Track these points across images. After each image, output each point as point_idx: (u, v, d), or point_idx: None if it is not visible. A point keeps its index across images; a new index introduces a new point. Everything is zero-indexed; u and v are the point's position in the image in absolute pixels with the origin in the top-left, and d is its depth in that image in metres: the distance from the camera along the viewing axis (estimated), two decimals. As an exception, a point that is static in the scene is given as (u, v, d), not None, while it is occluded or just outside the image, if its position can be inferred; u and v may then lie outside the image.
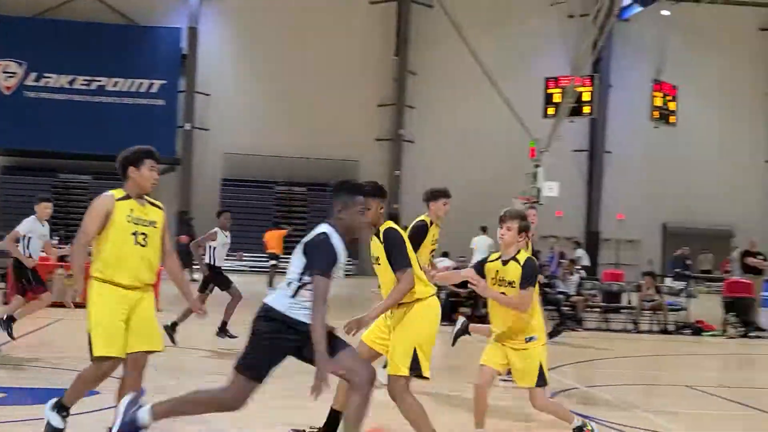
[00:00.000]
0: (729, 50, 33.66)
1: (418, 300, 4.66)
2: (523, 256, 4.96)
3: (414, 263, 4.66)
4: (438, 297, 4.90)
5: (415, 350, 4.61)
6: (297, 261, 4.26)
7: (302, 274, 4.19)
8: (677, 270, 28.55)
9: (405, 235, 4.75)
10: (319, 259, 4.13)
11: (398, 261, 4.59)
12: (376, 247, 4.72)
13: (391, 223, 4.73)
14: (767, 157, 33.74)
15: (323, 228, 4.29)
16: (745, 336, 14.00)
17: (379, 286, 4.85)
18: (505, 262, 4.99)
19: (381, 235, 4.68)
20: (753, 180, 33.68)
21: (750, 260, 15.29)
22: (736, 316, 14.30)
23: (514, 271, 4.94)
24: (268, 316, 4.18)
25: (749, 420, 6.98)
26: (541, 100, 25.04)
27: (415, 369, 4.60)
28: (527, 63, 30.82)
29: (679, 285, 23.87)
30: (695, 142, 33.48)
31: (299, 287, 4.17)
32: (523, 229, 4.99)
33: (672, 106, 25.63)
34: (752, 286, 14.65)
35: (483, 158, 31.14)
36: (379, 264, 4.74)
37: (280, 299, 4.22)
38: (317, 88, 30.87)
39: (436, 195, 6.59)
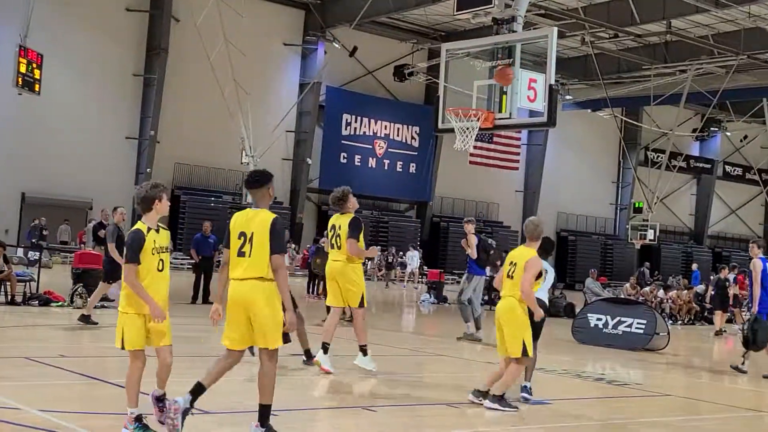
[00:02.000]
0: (98, 27, 34.28)
1: None
2: None
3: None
4: None
5: None
6: None
7: None
8: (33, 240, 27.99)
9: None
10: None
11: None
12: None
13: None
14: (128, 134, 35.42)
15: None
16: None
17: None
18: None
19: None
20: (114, 155, 34.99)
21: (102, 232, 15.76)
22: (85, 286, 14.61)
23: None
24: None
25: (91, 387, 7.28)
26: None
27: None
28: None
29: (34, 255, 23.48)
30: (59, 114, 33.24)
31: None
32: None
33: (37, 74, 24.97)
34: (101, 258, 15.19)
35: None
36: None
37: None
38: None
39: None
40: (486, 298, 19.50)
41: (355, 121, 41.30)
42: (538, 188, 47.35)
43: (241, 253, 5.30)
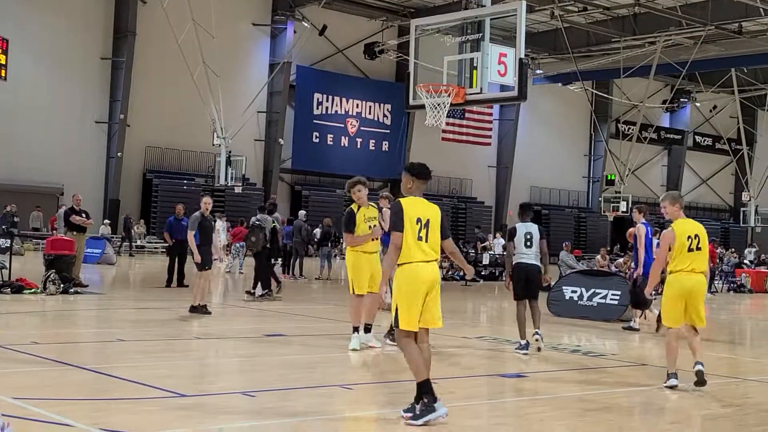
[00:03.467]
0: (64, 11, 33.73)
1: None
2: None
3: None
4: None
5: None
6: None
7: None
8: (4, 227, 27.64)
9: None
10: None
11: None
12: None
13: None
14: (98, 118, 35.00)
15: None
16: (65, 293, 14.36)
17: None
18: None
19: None
20: (83, 140, 34.59)
21: (74, 218, 15.62)
22: (57, 273, 14.47)
23: None
24: None
25: (66, 374, 7.21)
26: None
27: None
28: None
29: (5, 242, 23.19)
30: (26, 99, 32.74)
31: None
32: None
33: (2, 59, 24.50)
34: (73, 244, 15.03)
35: None
36: None
37: None
38: None
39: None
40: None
41: (327, 100, 41.09)
42: (511, 163, 47.51)
43: (419, 237, 5.72)
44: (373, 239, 9.29)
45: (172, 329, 10.72)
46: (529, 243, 9.83)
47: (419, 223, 5.75)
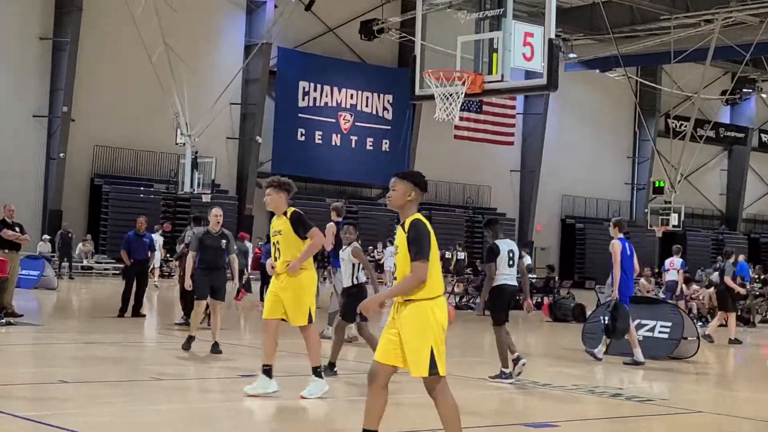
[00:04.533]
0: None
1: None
2: None
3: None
4: None
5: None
6: None
7: None
8: None
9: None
10: None
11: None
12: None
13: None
14: (36, 112, 34.98)
15: None
16: (-4, 323, 14.33)
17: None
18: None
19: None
20: (17, 138, 34.52)
21: (6, 233, 15.55)
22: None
23: None
24: None
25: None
26: None
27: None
28: None
29: None
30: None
31: None
32: None
33: None
34: (5, 264, 15.01)
35: None
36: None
37: None
38: None
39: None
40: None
41: (315, 90, 41.18)
42: (538, 167, 47.63)
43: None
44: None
45: (125, 368, 10.70)
46: (511, 262, 10.61)
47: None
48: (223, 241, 12.28)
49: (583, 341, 14.61)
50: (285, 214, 8.79)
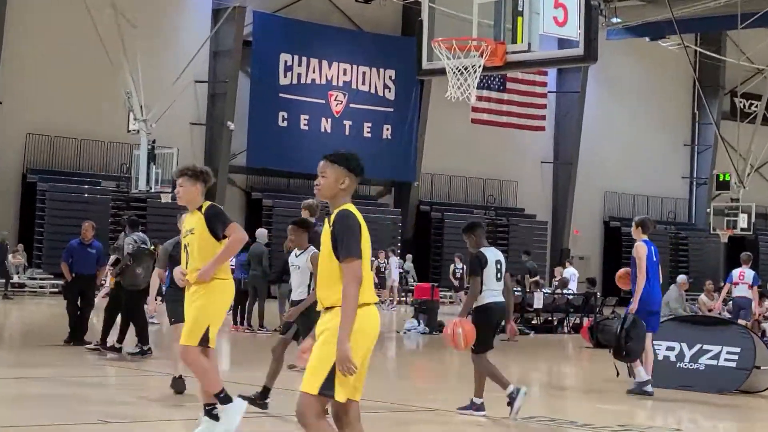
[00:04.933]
0: None
1: None
2: None
3: None
4: None
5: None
6: None
7: None
8: None
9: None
10: None
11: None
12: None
13: None
14: None
15: None
16: None
17: None
18: None
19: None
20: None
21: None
22: None
23: None
24: None
25: None
26: None
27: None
28: None
29: None
30: None
31: None
32: None
33: None
34: None
35: None
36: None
37: None
38: None
39: None
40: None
41: (299, 64, 41.18)
42: (575, 157, 47.63)
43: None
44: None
45: (64, 409, 10.68)
46: (499, 275, 10.81)
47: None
48: None
49: (630, 372, 14.56)
50: (200, 209, 8.69)
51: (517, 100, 45.07)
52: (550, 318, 26.60)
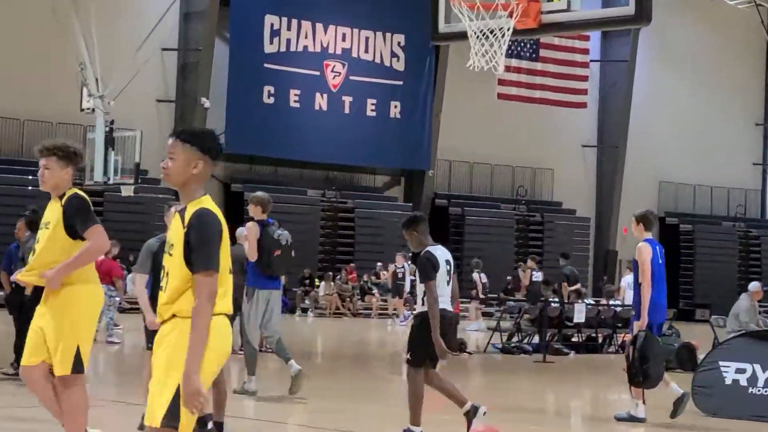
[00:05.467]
0: None
1: None
2: None
3: None
4: None
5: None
6: None
7: None
8: None
9: None
10: None
11: None
12: None
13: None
14: None
15: None
16: None
17: None
18: None
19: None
20: None
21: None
22: None
23: None
24: None
25: None
26: None
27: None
28: None
29: None
30: None
31: None
32: None
33: None
34: None
35: None
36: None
37: None
38: None
39: None
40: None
41: (288, 28, 41.18)
42: (623, 140, 47.61)
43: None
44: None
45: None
46: (449, 278, 10.98)
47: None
48: None
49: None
50: (62, 197, 8.53)
51: (552, 70, 45.03)
52: (593, 334, 26.52)
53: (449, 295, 10.98)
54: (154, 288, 11.20)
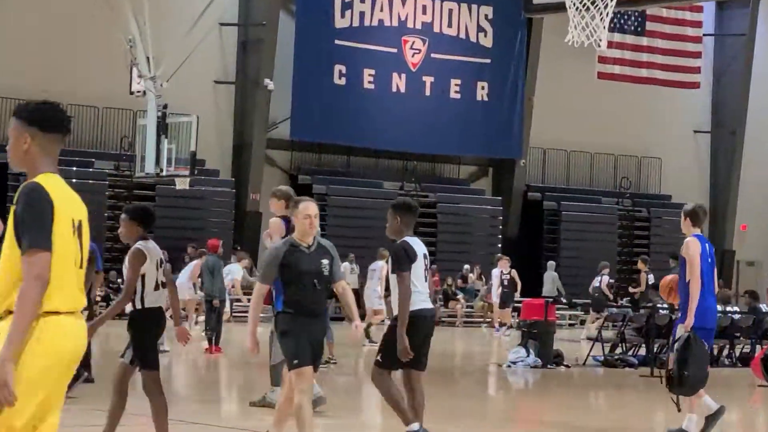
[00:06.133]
0: None
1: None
2: None
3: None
4: None
5: None
6: None
7: None
8: None
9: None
10: None
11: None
12: None
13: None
14: None
15: None
16: None
17: None
18: None
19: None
20: None
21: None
22: None
23: None
24: None
25: None
26: None
27: None
28: None
29: None
30: None
31: None
32: None
33: None
34: None
35: None
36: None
37: None
38: None
39: None
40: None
41: (361, 0, 41.22)
42: (741, 124, 47.13)
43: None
44: None
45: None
46: (427, 273, 11.52)
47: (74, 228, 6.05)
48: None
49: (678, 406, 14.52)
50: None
51: (661, 46, 44.72)
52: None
53: (425, 292, 11.34)
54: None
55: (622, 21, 42.08)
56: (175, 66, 32.92)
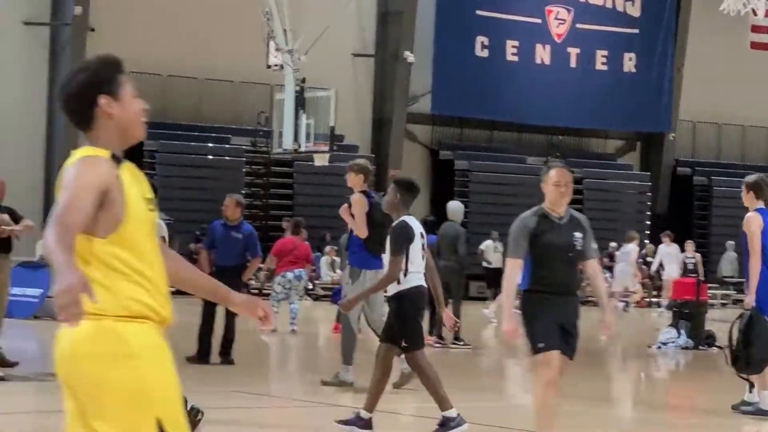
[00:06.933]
0: None
1: None
2: None
3: None
4: None
5: None
6: None
7: None
8: None
9: None
10: None
11: None
12: None
13: None
14: (27, 17, 35.97)
15: None
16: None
17: None
18: None
19: None
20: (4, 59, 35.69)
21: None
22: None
23: None
24: None
25: None
26: None
27: None
28: None
29: None
30: None
31: None
32: None
33: None
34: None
35: None
36: None
37: None
38: None
39: None
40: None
41: (505, -30, 41.07)
42: None
43: None
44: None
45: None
46: (423, 253, 11.67)
47: None
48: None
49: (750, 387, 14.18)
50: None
51: (819, 13, 43.85)
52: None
53: (423, 271, 11.57)
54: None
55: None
56: (312, 39, 32.99)
